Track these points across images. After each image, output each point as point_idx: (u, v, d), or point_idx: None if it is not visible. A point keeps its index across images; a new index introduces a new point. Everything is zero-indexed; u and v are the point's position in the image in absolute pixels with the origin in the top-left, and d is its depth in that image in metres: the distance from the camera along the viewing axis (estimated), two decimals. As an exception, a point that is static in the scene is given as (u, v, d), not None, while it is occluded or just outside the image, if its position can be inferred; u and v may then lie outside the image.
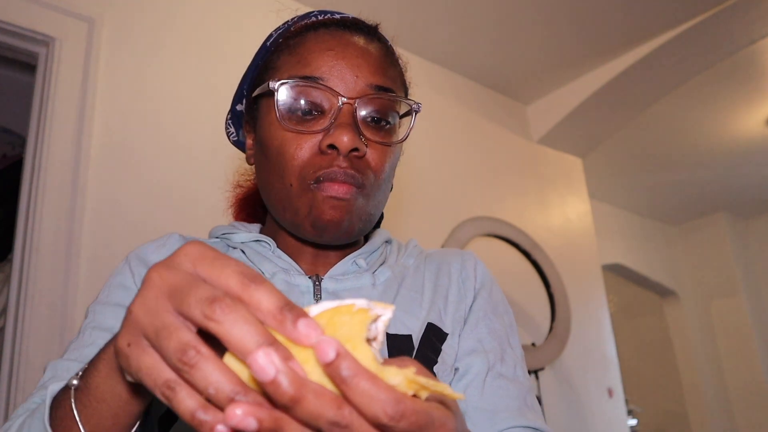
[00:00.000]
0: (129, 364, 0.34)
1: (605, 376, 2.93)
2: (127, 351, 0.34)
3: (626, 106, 2.99)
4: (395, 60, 0.72)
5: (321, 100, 0.63)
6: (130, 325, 0.35)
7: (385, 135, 0.66)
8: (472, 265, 0.75)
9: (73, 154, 1.58)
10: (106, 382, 0.42)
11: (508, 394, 0.65)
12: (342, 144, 0.60)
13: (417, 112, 0.68)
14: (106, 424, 0.43)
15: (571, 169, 3.25)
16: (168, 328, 0.33)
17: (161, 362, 0.33)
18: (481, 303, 0.72)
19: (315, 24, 0.69)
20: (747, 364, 4.67)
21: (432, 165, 2.53)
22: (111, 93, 1.72)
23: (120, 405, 0.42)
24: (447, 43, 2.58)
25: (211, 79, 1.94)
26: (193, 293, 0.32)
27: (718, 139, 3.75)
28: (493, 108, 2.94)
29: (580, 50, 2.68)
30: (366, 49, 0.66)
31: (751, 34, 2.58)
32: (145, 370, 0.34)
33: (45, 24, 1.63)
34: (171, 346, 0.32)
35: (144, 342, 0.34)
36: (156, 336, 0.33)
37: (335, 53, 0.64)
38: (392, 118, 0.66)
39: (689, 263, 5.11)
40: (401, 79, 0.72)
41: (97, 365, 0.43)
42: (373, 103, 0.64)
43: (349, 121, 0.62)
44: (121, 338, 0.35)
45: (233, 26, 2.06)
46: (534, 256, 2.66)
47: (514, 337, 0.74)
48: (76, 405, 0.43)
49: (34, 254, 1.48)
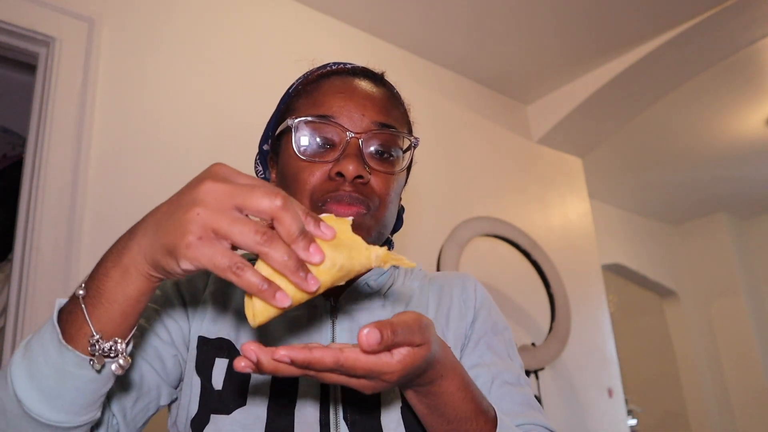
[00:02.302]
0: (199, 254, 0.45)
1: (605, 376, 2.93)
2: (197, 243, 0.45)
3: (626, 106, 2.99)
4: (399, 102, 0.83)
5: (332, 135, 0.73)
6: (197, 224, 0.45)
7: (387, 165, 0.75)
8: (472, 287, 0.84)
9: (73, 154, 1.58)
10: (119, 285, 0.51)
11: (513, 399, 0.73)
12: (348, 171, 0.69)
13: (416, 147, 0.79)
14: (116, 322, 0.52)
15: (571, 169, 3.25)
16: (242, 219, 0.46)
17: (229, 249, 0.46)
18: (481, 322, 0.80)
19: (329, 72, 0.80)
20: (747, 364, 4.67)
21: (432, 165, 2.53)
22: (111, 93, 1.72)
23: (129, 304, 0.52)
24: (447, 43, 2.58)
25: (211, 78, 1.94)
26: (243, 224, 0.45)
27: (718, 139, 3.75)
28: (493, 108, 2.94)
29: (580, 50, 2.68)
30: (372, 92, 0.77)
31: (751, 34, 2.58)
32: (218, 257, 0.45)
33: (45, 24, 1.63)
34: (251, 229, 0.45)
35: (213, 235, 0.45)
36: (231, 225, 0.45)
37: (345, 96, 0.75)
38: (394, 151, 0.76)
39: (689, 263, 5.11)
40: (404, 119, 0.82)
41: (107, 273, 0.52)
42: (376, 137, 0.74)
43: (356, 152, 0.71)
44: (189, 235, 0.45)
45: (233, 26, 2.06)
46: (534, 256, 2.66)
47: (513, 351, 0.82)
48: (86, 306, 0.51)
49: (34, 254, 1.48)
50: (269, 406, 0.67)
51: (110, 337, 0.52)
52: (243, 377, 0.69)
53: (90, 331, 0.51)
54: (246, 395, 0.68)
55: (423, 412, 0.60)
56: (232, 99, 1.97)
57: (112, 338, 0.52)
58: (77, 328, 0.52)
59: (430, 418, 0.60)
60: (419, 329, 0.51)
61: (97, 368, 0.52)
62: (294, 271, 0.46)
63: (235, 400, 0.68)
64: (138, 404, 0.68)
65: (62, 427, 0.54)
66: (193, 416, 0.68)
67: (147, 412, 0.70)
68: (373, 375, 0.49)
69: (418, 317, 0.52)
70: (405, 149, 0.78)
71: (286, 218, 0.47)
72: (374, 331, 0.47)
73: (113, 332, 0.52)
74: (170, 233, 0.47)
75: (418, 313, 0.53)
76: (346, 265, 0.50)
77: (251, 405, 0.67)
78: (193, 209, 0.46)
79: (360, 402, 0.69)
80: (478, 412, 0.60)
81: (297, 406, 0.68)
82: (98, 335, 0.51)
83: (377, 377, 0.50)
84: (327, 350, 0.47)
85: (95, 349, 0.51)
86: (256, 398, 0.68)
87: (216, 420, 0.67)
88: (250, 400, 0.68)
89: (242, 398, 0.68)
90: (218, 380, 0.69)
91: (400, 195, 0.81)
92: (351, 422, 0.68)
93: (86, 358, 0.52)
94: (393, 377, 0.50)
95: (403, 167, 0.78)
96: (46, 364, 0.52)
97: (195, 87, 1.90)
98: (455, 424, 0.59)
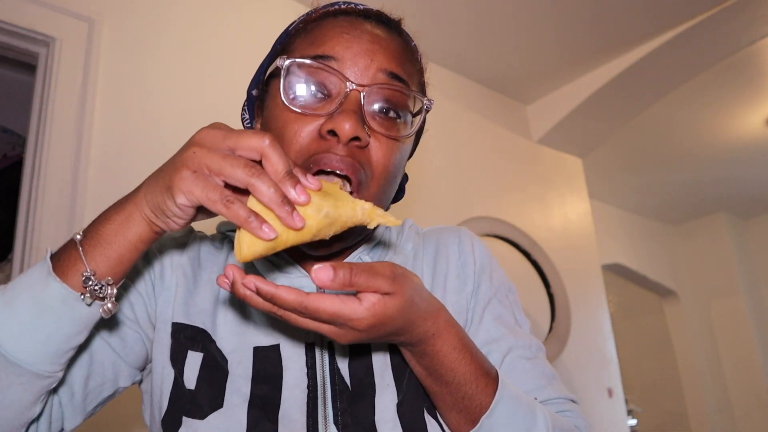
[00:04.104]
0: (193, 186, 0.47)
1: (605, 376, 2.93)
2: (192, 177, 0.48)
3: (626, 106, 2.99)
4: (415, 57, 0.69)
5: (329, 83, 0.61)
6: (193, 160, 0.48)
7: (392, 128, 0.62)
8: (469, 246, 0.74)
9: (73, 154, 1.58)
10: (119, 229, 0.52)
11: (532, 374, 0.67)
12: (342, 130, 0.57)
13: (428, 111, 0.66)
14: (111, 263, 0.52)
15: (571, 169, 3.25)
16: (231, 156, 0.48)
17: (221, 184, 0.48)
18: (484, 290, 0.71)
19: (335, 11, 0.67)
20: (747, 364, 4.67)
21: (432, 165, 2.53)
22: (111, 93, 1.72)
23: (127, 248, 0.52)
24: (447, 43, 2.58)
25: (211, 78, 1.94)
26: (234, 159, 0.47)
27: (718, 139, 3.75)
28: (493, 108, 2.94)
29: (580, 50, 2.68)
30: (384, 38, 0.64)
31: (751, 34, 2.58)
32: (210, 189, 0.47)
33: (45, 24, 1.63)
34: (241, 164, 0.47)
35: (206, 171, 0.48)
36: (222, 162, 0.47)
37: (351, 37, 0.62)
38: (402, 112, 0.63)
39: (689, 263, 5.11)
40: (418, 78, 0.69)
41: (109, 217, 0.53)
42: (383, 93, 0.62)
43: (355, 108, 0.59)
44: (184, 169, 0.48)
45: (233, 26, 2.06)
46: (534, 256, 2.66)
47: (520, 315, 0.74)
48: (83, 247, 0.52)
49: (34, 254, 1.48)
50: (249, 410, 0.59)
51: (103, 277, 0.52)
52: (219, 375, 0.61)
53: (83, 268, 0.51)
54: (223, 395, 0.60)
55: (420, 373, 0.57)
56: (232, 99, 1.97)
57: (105, 278, 0.52)
58: (70, 265, 0.51)
59: (428, 381, 0.57)
60: (388, 276, 0.49)
61: (87, 303, 0.51)
62: (280, 204, 0.46)
63: (211, 402, 0.60)
64: (90, 382, 0.61)
65: (20, 366, 0.51)
66: (163, 415, 0.61)
67: (101, 393, 0.63)
68: (339, 321, 0.48)
69: (391, 266, 0.50)
70: (415, 113, 0.66)
71: (273, 156, 0.48)
72: (326, 267, 0.46)
73: (106, 273, 0.52)
74: (169, 171, 0.50)
75: (392, 263, 0.51)
76: (332, 213, 0.49)
77: (229, 407, 0.59)
78: (190, 149, 0.49)
79: (351, 398, 0.61)
80: (477, 375, 0.56)
81: (281, 408, 0.60)
82: (92, 271, 0.51)
83: (344, 324, 0.48)
84: (292, 290, 0.47)
85: (88, 284, 0.51)
86: (234, 399, 0.60)
87: (189, 424, 0.59)
88: (228, 402, 0.60)
89: (218, 399, 0.60)
90: (191, 377, 0.61)
91: (403, 167, 0.69)
92: (342, 425, 0.59)
93: (74, 293, 0.51)
94: (361, 324, 0.48)
95: (411, 132, 0.65)
96: (28, 296, 0.51)
97: (195, 87, 1.90)
98: (453, 387, 0.55)
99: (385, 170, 0.62)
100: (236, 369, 0.62)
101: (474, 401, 0.56)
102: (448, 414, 0.58)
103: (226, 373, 0.61)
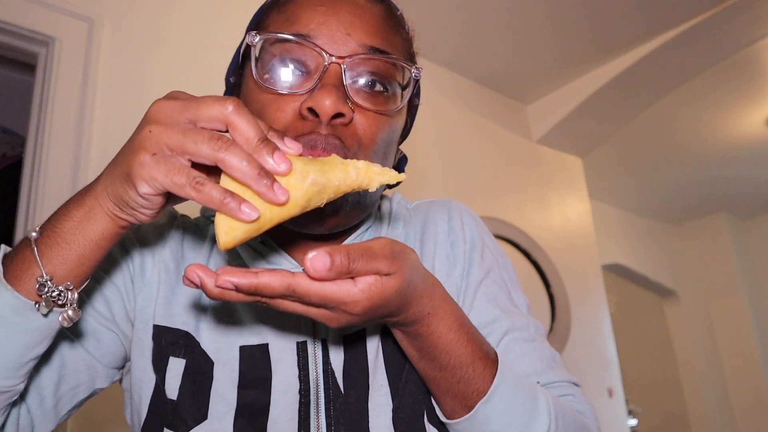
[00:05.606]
0: (155, 171, 0.41)
1: (605, 376, 2.93)
2: (152, 161, 0.41)
3: (626, 106, 2.99)
4: (399, 25, 0.63)
5: (306, 58, 0.56)
6: (149, 140, 0.42)
7: (378, 101, 0.57)
8: (459, 223, 0.69)
9: (73, 154, 1.58)
10: (79, 226, 0.46)
11: (532, 357, 0.63)
12: (323, 107, 0.53)
13: (417, 80, 0.61)
14: (70, 265, 0.46)
15: (571, 169, 3.25)
16: (193, 131, 0.41)
17: (187, 165, 0.42)
18: (476, 269, 0.67)
19: None
20: (747, 364, 4.67)
21: (432, 164, 2.53)
22: (111, 93, 1.72)
23: (89, 248, 0.46)
24: (447, 43, 2.58)
25: (211, 78, 1.94)
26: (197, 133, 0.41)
27: (718, 139, 3.75)
28: (493, 108, 2.94)
29: (579, 50, 2.68)
30: (363, 7, 0.59)
31: (751, 34, 2.58)
32: (175, 172, 0.41)
33: (45, 24, 1.63)
34: (205, 137, 0.41)
35: (167, 152, 0.42)
36: (183, 138, 0.41)
37: (326, 9, 0.57)
38: (389, 84, 0.58)
39: (689, 263, 5.11)
40: (405, 47, 0.64)
41: (68, 212, 0.46)
42: (365, 64, 0.56)
43: (335, 82, 0.54)
44: (142, 153, 0.42)
45: (233, 26, 2.06)
46: (534, 256, 2.66)
47: (516, 292, 0.70)
48: (38, 248, 0.45)
49: (34, 254, 1.47)
50: (236, 419, 0.55)
51: (62, 282, 0.46)
52: (203, 382, 0.57)
53: (38, 272, 0.45)
54: (207, 406, 0.56)
55: (413, 356, 0.53)
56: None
57: (64, 283, 0.46)
58: (23, 269, 0.45)
59: (421, 364, 0.52)
60: (387, 256, 0.44)
61: (43, 312, 0.46)
62: (256, 178, 0.40)
63: (194, 415, 0.56)
64: (62, 386, 0.57)
65: None
66: (143, 423, 0.58)
67: (75, 396, 0.58)
68: (332, 304, 0.43)
69: (389, 243, 0.45)
70: (405, 85, 0.60)
71: (240, 123, 0.41)
72: (322, 255, 0.40)
73: (65, 277, 0.46)
74: (126, 157, 0.43)
75: (390, 239, 0.46)
76: (320, 179, 0.43)
77: (214, 419, 0.55)
78: (145, 128, 0.43)
79: (345, 405, 0.57)
80: (474, 357, 0.51)
81: (271, 416, 0.56)
82: (48, 276, 0.45)
83: (338, 307, 0.43)
84: (275, 274, 0.41)
85: (43, 291, 0.45)
86: (219, 408, 0.56)
87: None
88: (213, 413, 0.56)
89: (203, 411, 0.56)
90: (173, 386, 0.57)
91: (396, 145, 0.65)
92: None
93: (28, 302, 0.45)
94: (357, 308, 0.43)
95: (400, 106, 0.60)
96: None
97: (195, 87, 1.89)
98: (448, 371, 0.51)
99: (374, 146, 0.57)
100: (221, 373, 0.57)
101: (471, 386, 0.51)
102: (443, 399, 0.54)
103: (210, 378, 0.57)
